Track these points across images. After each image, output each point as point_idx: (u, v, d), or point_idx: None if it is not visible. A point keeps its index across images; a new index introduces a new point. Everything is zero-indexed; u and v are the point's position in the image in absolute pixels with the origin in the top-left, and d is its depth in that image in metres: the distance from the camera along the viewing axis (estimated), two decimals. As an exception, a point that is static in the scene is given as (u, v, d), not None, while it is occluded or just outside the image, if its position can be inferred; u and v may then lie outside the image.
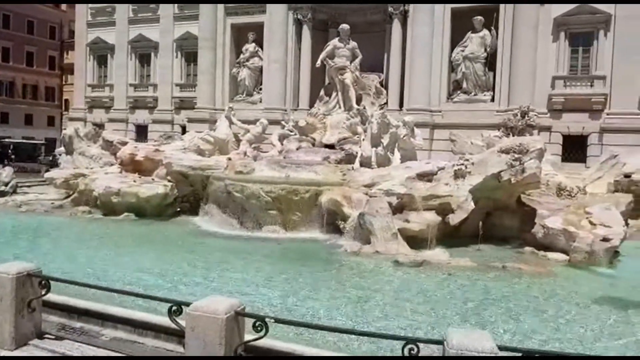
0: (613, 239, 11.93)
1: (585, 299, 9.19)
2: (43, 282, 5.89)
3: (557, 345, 6.92)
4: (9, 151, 41.45)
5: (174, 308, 4.89)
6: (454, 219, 13.39)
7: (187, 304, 4.87)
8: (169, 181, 17.90)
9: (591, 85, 22.58)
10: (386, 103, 23.83)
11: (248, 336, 4.88)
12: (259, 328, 4.59)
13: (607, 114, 22.26)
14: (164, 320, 5.31)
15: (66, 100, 57.57)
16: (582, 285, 10.31)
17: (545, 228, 12.96)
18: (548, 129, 22.38)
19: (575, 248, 12.03)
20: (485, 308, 8.50)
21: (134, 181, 17.86)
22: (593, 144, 22.41)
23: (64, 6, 62.02)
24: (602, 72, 22.33)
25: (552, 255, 12.55)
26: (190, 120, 28.70)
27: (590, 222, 12.76)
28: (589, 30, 22.59)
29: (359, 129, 19.99)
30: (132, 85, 34.62)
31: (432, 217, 13.36)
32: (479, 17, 22.71)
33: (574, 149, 22.68)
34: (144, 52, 34.30)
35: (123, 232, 14.98)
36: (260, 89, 28.11)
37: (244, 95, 28.48)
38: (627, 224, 13.57)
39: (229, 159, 18.69)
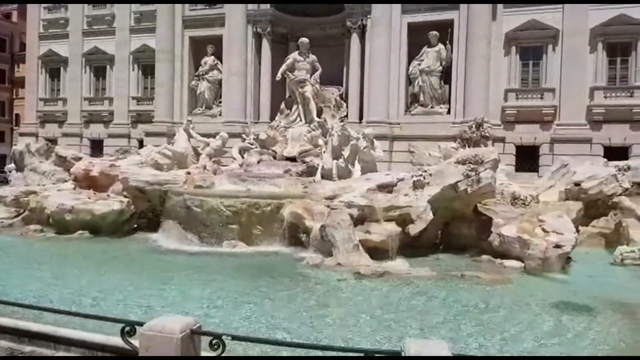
0: (565, 245, 12.32)
1: (540, 305, 9.43)
2: None
3: (514, 350, 7.07)
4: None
5: (127, 328, 4.77)
6: (414, 229, 13.59)
7: (141, 324, 4.75)
8: (126, 197, 17.36)
9: (541, 98, 23.60)
10: (346, 116, 24.06)
11: (205, 354, 4.76)
12: (215, 346, 4.49)
13: (557, 125, 23.29)
14: (118, 341, 5.13)
15: (17, 114, 55.43)
16: (537, 291, 10.57)
17: (501, 236, 13.29)
18: (502, 139, 23.18)
19: (530, 255, 12.37)
20: (444, 317, 8.61)
21: (89, 198, 17.22)
22: (544, 154, 23.35)
23: (15, 18, 59.98)
24: (552, 85, 23.39)
25: (508, 262, 12.83)
26: (148, 134, 28.15)
27: (544, 230, 13.14)
28: (539, 44, 23.69)
29: (320, 141, 20.08)
30: (86, 99, 33.80)
31: (392, 228, 13.51)
32: (434, 32, 23.39)
33: (527, 159, 23.57)
34: (99, 64, 33.61)
35: (77, 251, 14.37)
36: (220, 102, 27.92)
37: (203, 108, 28.21)
38: (577, 231, 14.09)
39: (188, 173, 18.35)
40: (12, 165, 22.85)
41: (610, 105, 22.72)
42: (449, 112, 23.58)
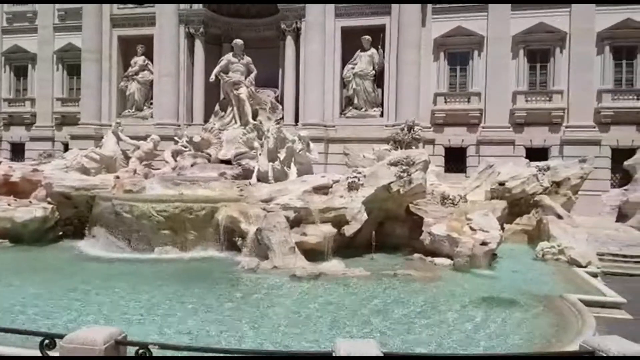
0: (491, 242, 12.95)
1: (468, 299, 9.86)
2: None
3: (446, 346, 7.33)
4: None
5: (46, 341, 4.52)
6: (349, 230, 13.82)
7: (61, 336, 4.54)
8: (50, 203, 16.51)
9: (468, 101, 24.75)
10: (282, 118, 24.07)
11: None
12: (142, 355, 4.35)
13: (483, 128, 24.49)
14: (37, 355, 4.81)
15: None
16: (465, 286, 11.03)
17: (432, 235, 13.81)
18: (432, 142, 24.07)
19: (458, 253, 12.90)
20: (377, 315, 8.80)
21: (9, 204, 16.27)
22: (471, 155, 24.47)
23: None
24: (477, 89, 24.59)
25: (438, 260, 13.35)
26: (74, 137, 26.76)
27: (471, 228, 13.79)
28: (466, 50, 24.82)
29: (256, 143, 19.94)
30: (6, 100, 31.82)
31: (328, 230, 13.67)
32: (367, 37, 23.88)
33: (455, 160, 24.62)
34: (20, 64, 31.75)
35: (-4, 261, 13.48)
36: (151, 104, 27.05)
37: (134, 110, 27.21)
38: (502, 228, 14.93)
39: (117, 177, 17.68)
40: None
41: (531, 109, 24.14)
42: (382, 115, 24.14)
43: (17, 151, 30.90)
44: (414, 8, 23.30)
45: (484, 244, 12.92)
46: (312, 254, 13.14)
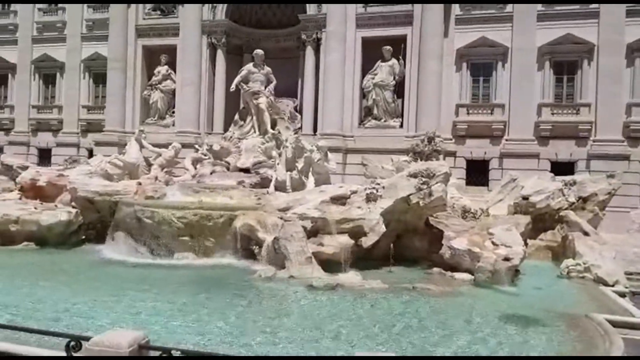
0: (514, 258, 12.57)
1: (489, 316, 9.61)
2: None
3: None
4: None
5: (73, 343, 4.60)
6: (367, 241, 13.68)
7: (87, 339, 4.64)
8: (74, 208, 16.86)
9: (491, 113, 24.41)
10: (300, 128, 24.19)
11: None
12: None
13: (506, 140, 24.10)
14: (62, 356, 4.91)
15: (-42, 121, 52.55)
16: (486, 303, 10.76)
17: (452, 249, 13.51)
18: (453, 154, 23.80)
19: (480, 268, 12.58)
20: (395, 329, 8.66)
21: (35, 208, 16.67)
22: (494, 168, 24.10)
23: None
24: (501, 101, 24.25)
25: (458, 275, 13.06)
26: (98, 144, 27.31)
27: (493, 243, 13.42)
28: (489, 61, 24.55)
29: (274, 153, 20.06)
30: (35, 107, 32.60)
31: (345, 240, 13.54)
32: (388, 47, 23.87)
33: (477, 173, 24.25)
34: (49, 72, 32.53)
35: (21, 263, 13.72)
36: (173, 112, 27.47)
37: (156, 118, 27.67)
38: (526, 244, 14.48)
39: (139, 183, 17.91)
40: (-47, 174, 21.72)
41: (557, 122, 23.66)
42: (401, 125, 24.01)
43: (44, 156, 31.59)
44: (437, 18, 23.22)
45: (506, 259, 12.57)
46: (329, 264, 13.03)
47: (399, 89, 24.23)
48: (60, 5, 31.98)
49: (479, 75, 24.83)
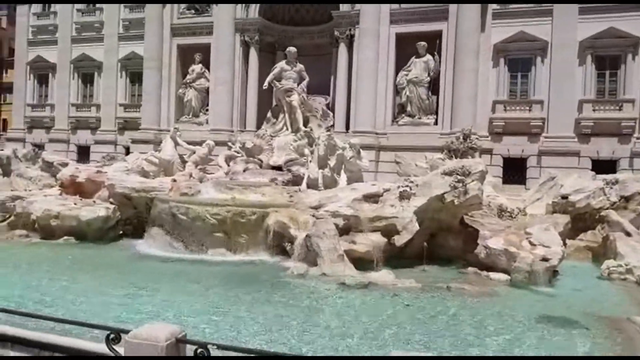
0: (552, 258, 12.28)
1: (526, 318, 9.37)
2: None
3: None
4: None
5: (112, 336, 4.69)
6: (399, 240, 13.53)
7: (126, 332, 4.69)
8: (112, 203, 17.30)
9: (530, 110, 23.73)
10: (333, 125, 24.08)
11: None
12: (200, 355, 4.41)
13: (545, 137, 23.39)
14: (103, 348, 5.03)
15: (4, 120, 54.74)
16: (523, 304, 10.54)
17: (488, 248, 13.24)
18: (489, 151, 23.25)
19: (516, 268, 12.32)
20: (429, 329, 8.53)
21: (75, 204, 17.16)
22: (532, 166, 23.43)
23: (4, 24, 59.47)
24: (540, 97, 23.52)
25: (494, 275, 12.78)
26: (134, 141, 27.91)
27: (530, 243, 13.11)
28: (527, 56, 23.84)
29: (306, 150, 20.06)
30: (74, 105, 33.54)
31: (377, 239, 13.45)
32: (423, 43, 23.51)
33: (514, 171, 23.64)
34: (87, 71, 33.41)
35: (61, 256, 14.20)
36: (207, 110, 27.81)
37: (190, 116, 28.07)
38: (565, 244, 14.07)
39: (174, 180, 18.23)
40: (-1, 170, 22.66)
41: (598, 119, 22.83)
42: (436, 122, 23.62)
43: (83, 153, 32.47)
44: (473, 13, 22.73)
45: (544, 259, 12.26)
46: (361, 262, 12.95)
47: (433, 86, 23.84)
48: (98, 5, 32.82)
49: (517, 70, 24.15)
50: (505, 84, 24.15)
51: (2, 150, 24.65)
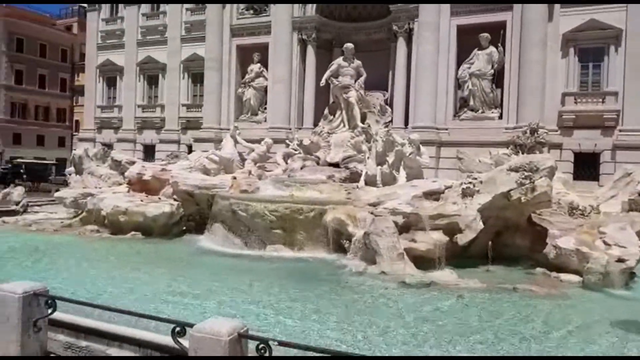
0: (629, 259, 11.50)
1: (602, 323, 8.82)
2: (49, 301, 5.87)
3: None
4: (21, 171, 41.69)
5: (178, 329, 4.82)
6: (463, 238, 13.07)
7: (191, 325, 4.78)
8: (175, 200, 17.84)
9: (602, 102, 22.28)
10: (391, 121, 23.71)
11: (251, 356, 4.73)
12: (262, 351, 4.43)
13: (620, 131, 21.87)
14: (168, 341, 5.19)
15: (76, 121, 58.26)
16: (597, 308, 9.94)
17: (557, 248, 12.57)
18: (559, 146, 22.04)
19: (589, 269, 11.63)
20: (497, 332, 8.14)
21: (141, 200, 17.83)
22: (606, 161, 21.99)
23: (75, 30, 63.17)
24: (614, 88, 22.02)
25: (564, 276, 12.14)
26: (196, 140, 28.78)
27: (605, 243, 12.38)
28: (600, 45, 22.37)
29: (364, 147, 19.85)
30: (140, 106, 34.96)
31: (439, 237, 13.04)
32: (485, 34, 22.66)
33: (586, 166, 22.29)
34: (152, 73, 34.72)
35: (129, 251, 14.85)
36: (265, 109, 28.20)
37: (249, 114, 28.57)
38: (643, 244, 13.19)
39: (234, 178, 18.55)
40: (72, 168, 23.97)
41: (682, 110, 21.11)
42: (500, 116, 22.71)
43: (148, 152, 33.84)
44: (540, 2, 21.63)
45: (620, 260, 11.47)
46: (421, 261, 12.61)
47: (497, 78, 22.92)
48: (162, 9, 34.05)
49: (588, 61, 22.71)
50: (576, 75, 22.77)
51: (74, 149, 26.05)
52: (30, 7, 65.02)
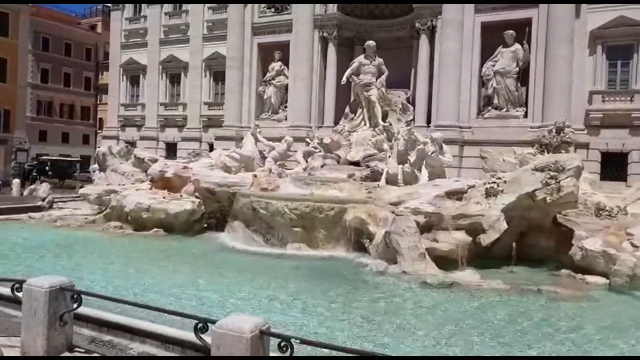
0: (658, 262, 11.22)
1: (632, 327, 8.59)
2: (75, 296, 5.96)
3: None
4: (46, 168, 42.58)
5: (200, 325, 4.84)
6: (486, 239, 12.88)
7: (213, 322, 4.79)
8: (197, 197, 18.01)
9: (631, 100, 21.64)
10: (413, 119, 23.41)
11: (273, 355, 4.72)
12: (284, 348, 4.42)
13: (649, 130, 21.28)
14: (191, 336, 5.25)
15: (100, 119, 59.09)
16: (626, 311, 9.70)
17: (583, 250, 12.29)
18: (585, 145, 21.50)
19: (616, 271, 11.36)
20: (519, 335, 8.01)
21: (164, 197, 18.07)
22: (634, 161, 21.36)
23: (99, 29, 64.18)
24: (644, 87, 21.42)
25: (590, 278, 11.88)
26: (218, 138, 28.93)
27: (632, 244, 12.12)
28: (628, 42, 21.72)
29: (385, 145, 19.68)
30: (162, 105, 35.28)
31: (462, 237, 12.90)
32: (510, 31, 22.23)
33: (614, 166, 21.69)
34: (174, 72, 34.97)
35: (152, 247, 15.05)
36: (286, 107, 28.17)
37: (270, 113, 28.59)
38: (672, 246, 12.81)
39: (255, 175, 18.62)
40: (96, 165, 24.42)
41: None
42: (525, 115, 22.23)
43: (170, 150, 34.13)
44: (567, -1, 21.17)
45: (649, 263, 11.20)
46: (443, 261, 12.49)
47: (522, 76, 22.47)
48: (184, 8, 34.30)
49: (616, 58, 22.06)
50: (604, 73, 22.15)
51: (99, 147, 26.46)
52: (56, 7, 66.38)
